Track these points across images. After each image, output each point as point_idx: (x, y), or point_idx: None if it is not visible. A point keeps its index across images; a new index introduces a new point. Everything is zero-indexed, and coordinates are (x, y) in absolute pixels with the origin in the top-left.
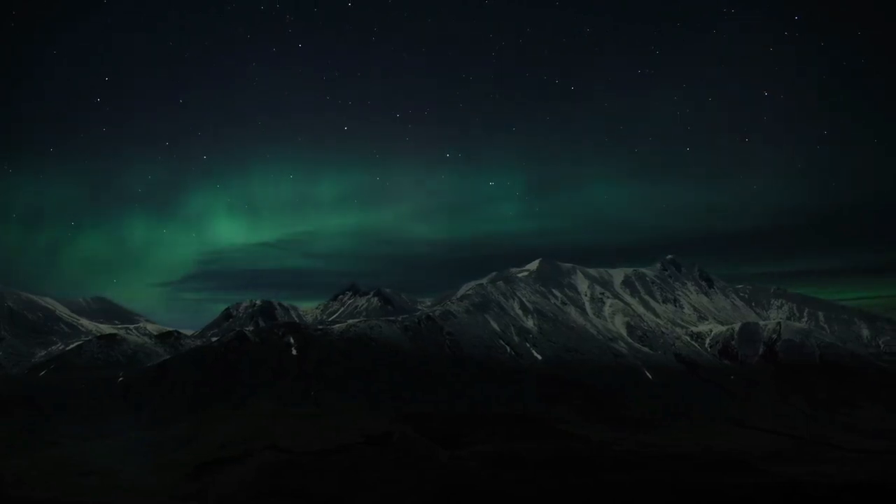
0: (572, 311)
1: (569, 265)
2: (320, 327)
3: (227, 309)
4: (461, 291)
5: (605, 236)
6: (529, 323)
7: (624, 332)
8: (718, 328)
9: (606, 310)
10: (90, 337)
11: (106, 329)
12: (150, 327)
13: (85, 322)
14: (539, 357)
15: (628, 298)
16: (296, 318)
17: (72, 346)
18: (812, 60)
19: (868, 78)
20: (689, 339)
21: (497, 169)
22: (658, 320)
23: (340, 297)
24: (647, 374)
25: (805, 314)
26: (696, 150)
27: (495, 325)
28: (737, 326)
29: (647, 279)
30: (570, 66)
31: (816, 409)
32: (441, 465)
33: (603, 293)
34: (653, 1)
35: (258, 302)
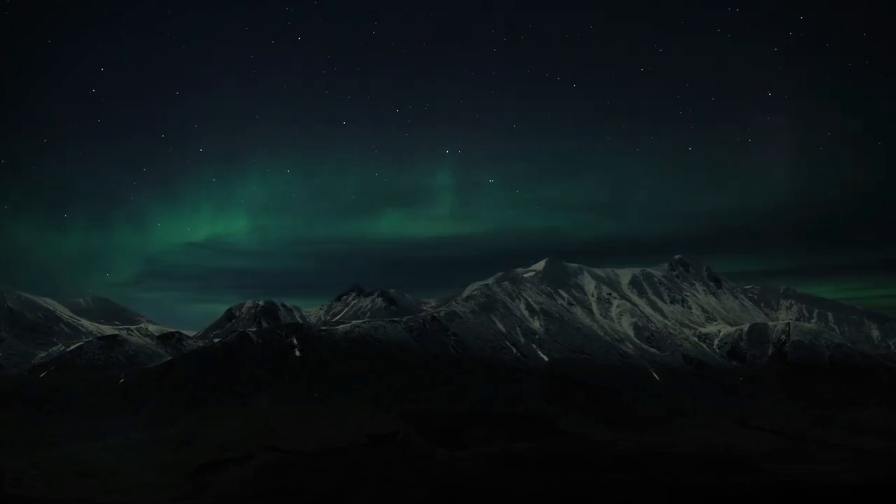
0: (579, 312)
1: (575, 265)
2: (324, 328)
3: (230, 310)
4: (466, 292)
5: (611, 235)
6: (535, 324)
7: (631, 333)
8: (727, 329)
9: (613, 310)
10: (91, 338)
11: (107, 330)
12: (152, 328)
13: (86, 322)
14: (545, 358)
15: (636, 299)
16: (299, 319)
17: (72, 346)
18: (816, 61)
19: (873, 77)
20: (697, 340)
21: (497, 166)
22: (666, 321)
23: (344, 297)
24: (655, 375)
25: (815, 315)
26: (699, 149)
27: (501, 326)
28: (745, 327)
29: (655, 279)
30: (572, 64)
31: (826, 409)
32: (445, 464)
33: (610, 294)
34: None
35: (261, 303)
